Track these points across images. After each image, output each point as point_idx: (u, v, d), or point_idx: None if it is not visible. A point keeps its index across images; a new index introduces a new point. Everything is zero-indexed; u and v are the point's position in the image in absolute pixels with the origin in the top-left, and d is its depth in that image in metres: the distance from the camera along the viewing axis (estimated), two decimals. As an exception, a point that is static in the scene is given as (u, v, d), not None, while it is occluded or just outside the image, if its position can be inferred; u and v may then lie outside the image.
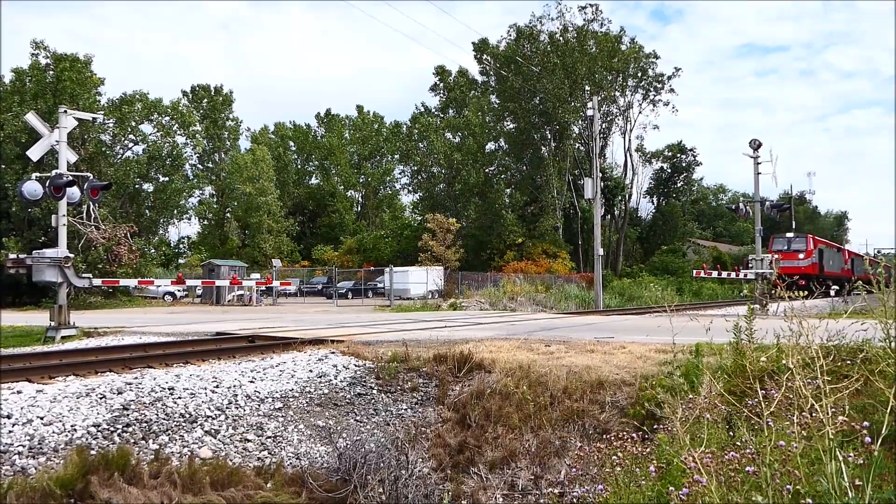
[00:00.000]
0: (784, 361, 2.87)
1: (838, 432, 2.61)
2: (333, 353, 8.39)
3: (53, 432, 5.03)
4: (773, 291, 22.60)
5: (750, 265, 21.50)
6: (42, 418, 5.18)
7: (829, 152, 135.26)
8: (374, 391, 7.30)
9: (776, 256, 26.98)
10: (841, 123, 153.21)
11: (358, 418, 6.74)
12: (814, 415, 2.74)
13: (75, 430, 5.13)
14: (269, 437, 5.94)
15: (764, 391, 3.35)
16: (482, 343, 9.18)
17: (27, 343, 12.90)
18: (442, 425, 6.93)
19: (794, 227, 48.27)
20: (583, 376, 7.53)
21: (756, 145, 21.46)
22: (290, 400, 6.63)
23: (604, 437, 6.03)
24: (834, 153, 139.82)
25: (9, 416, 5.10)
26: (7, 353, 8.80)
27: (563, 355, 8.46)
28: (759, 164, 21.78)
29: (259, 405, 6.35)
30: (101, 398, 5.73)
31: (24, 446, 4.77)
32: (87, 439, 5.07)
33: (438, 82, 50.31)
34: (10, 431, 4.90)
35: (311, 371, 7.43)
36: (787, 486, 2.53)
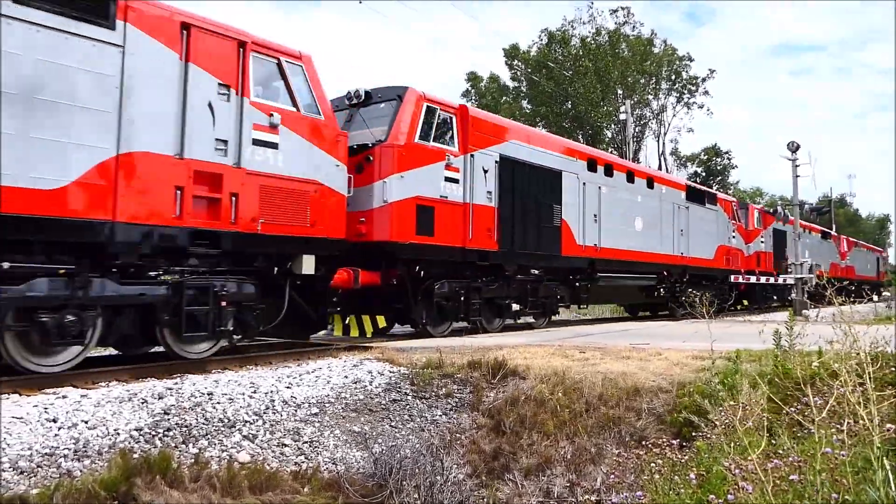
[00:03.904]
0: (836, 366, 2.82)
1: (886, 440, 2.56)
2: (368, 359, 8.44)
3: (97, 436, 5.14)
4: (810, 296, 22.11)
5: (789, 270, 21.12)
6: (86, 422, 5.30)
7: (869, 152, 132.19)
8: (409, 397, 7.32)
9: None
10: (880, 122, 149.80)
11: (393, 424, 6.77)
12: (860, 422, 2.68)
13: (118, 433, 5.24)
14: (306, 442, 5.99)
15: (806, 398, 3.29)
16: (516, 349, 9.15)
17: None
18: (476, 431, 6.92)
19: (834, 230, 47.08)
20: (619, 383, 7.46)
21: (794, 147, 21.10)
22: (326, 405, 6.69)
23: (641, 444, 5.97)
24: (875, 153, 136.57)
25: (55, 420, 5.23)
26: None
27: (599, 362, 8.40)
28: (797, 166, 21.39)
29: (296, 410, 6.41)
30: (142, 403, 5.85)
31: (69, 449, 4.88)
32: (129, 443, 5.17)
33: (470, 88, 50.40)
34: (56, 435, 5.02)
35: (346, 377, 7.48)
36: (834, 495, 2.48)
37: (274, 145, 8.56)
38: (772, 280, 25.49)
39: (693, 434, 5.50)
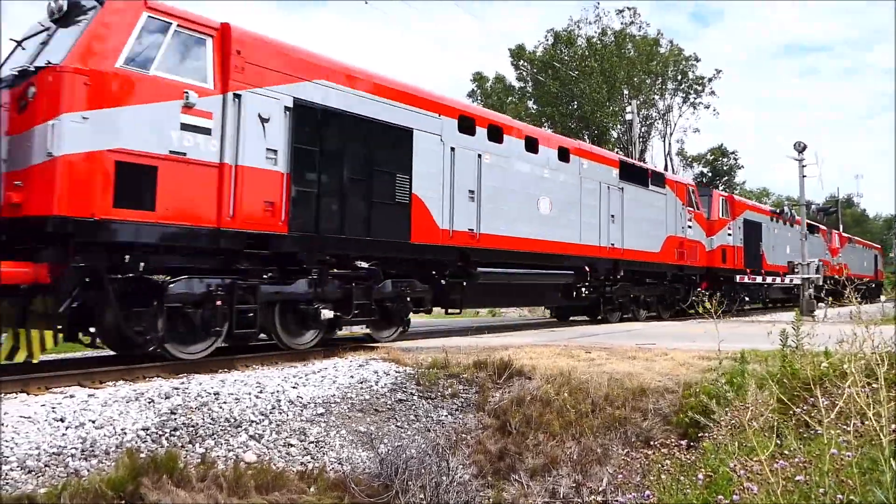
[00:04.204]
0: (846, 367, 2.81)
1: (893, 441, 2.55)
2: (374, 359, 8.45)
3: (105, 435, 5.16)
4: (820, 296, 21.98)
5: (796, 270, 21.03)
6: (94, 422, 5.32)
7: (876, 153, 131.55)
8: (415, 397, 7.33)
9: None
10: (888, 123, 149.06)
11: (399, 424, 6.77)
12: (867, 423, 2.67)
13: (125, 433, 5.26)
14: (312, 442, 6.00)
15: (813, 399, 3.28)
16: (522, 349, 9.15)
17: (77, 349, 13.26)
18: (482, 432, 6.92)
19: (841, 230, 46.73)
20: (624, 383, 7.46)
21: (801, 147, 21.02)
22: (332, 405, 6.70)
23: (647, 444, 5.96)
24: (882, 153, 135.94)
25: (62, 420, 5.25)
26: (59, 358, 9.08)
27: (605, 362, 8.40)
28: (804, 166, 21.32)
29: (301, 410, 6.42)
30: (149, 402, 5.87)
31: (77, 449, 4.91)
32: (136, 442, 5.19)
33: (476, 88, 50.38)
34: (63, 434, 5.05)
35: (352, 377, 7.50)
36: (840, 496, 2.48)
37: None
38: (754, 279, 23.93)
39: (699, 434, 5.49)
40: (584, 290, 15.40)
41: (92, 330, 7.68)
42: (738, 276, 22.75)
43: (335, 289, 9.64)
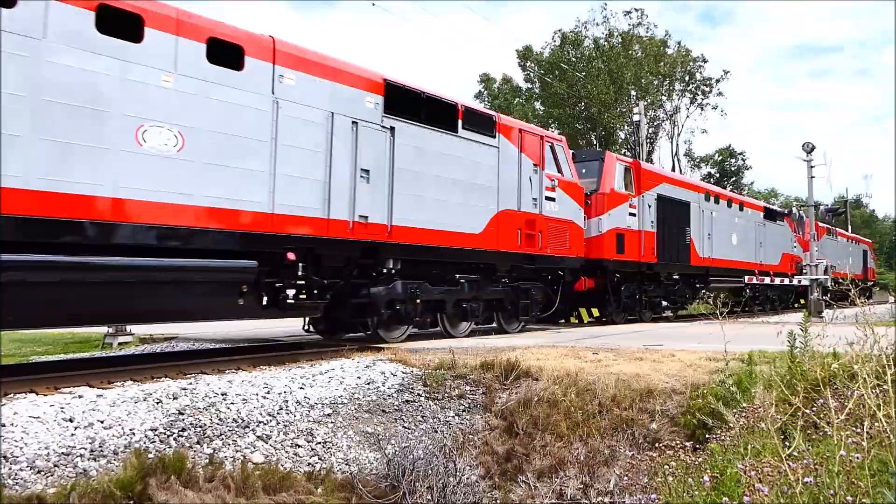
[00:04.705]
0: (856, 368, 2.80)
1: (902, 443, 2.54)
2: (381, 360, 8.46)
3: (113, 435, 5.18)
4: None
5: (804, 271, 20.94)
6: (102, 422, 5.34)
7: (887, 154, 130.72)
8: (422, 398, 7.33)
9: None
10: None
11: (406, 425, 6.78)
12: (876, 425, 2.66)
13: (134, 433, 5.28)
14: (319, 443, 6.01)
15: (822, 401, 3.27)
16: (528, 350, 9.14)
17: (86, 349, 13.35)
18: (489, 433, 6.92)
19: (849, 231, 46.34)
20: (632, 384, 7.44)
21: (809, 148, 20.94)
22: (339, 406, 6.71)
23: (654, 446, 5.95)
24: (891, 154, 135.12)
25: (71, 420, 5.28)
26: (68, 359, 9.12)
27: (612, 363, 8.38)
28: (812, 167, 21.23)
29: (309, 411, 6.44)
30: (157, 403, 5.89)
31: (85, 449, 4.93)
32: (144, 443, 5.21)
33: (483, 90, 50.42)
34: (72, 434, 5.07)
35: (359, 378, 7.50)
36: (849, 498, 2.46)
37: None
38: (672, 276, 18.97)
39: (707, 436, 5.47)
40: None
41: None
42: (665, 273, 18.33)
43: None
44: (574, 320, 17.22)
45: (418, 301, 10.72)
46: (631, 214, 16.92)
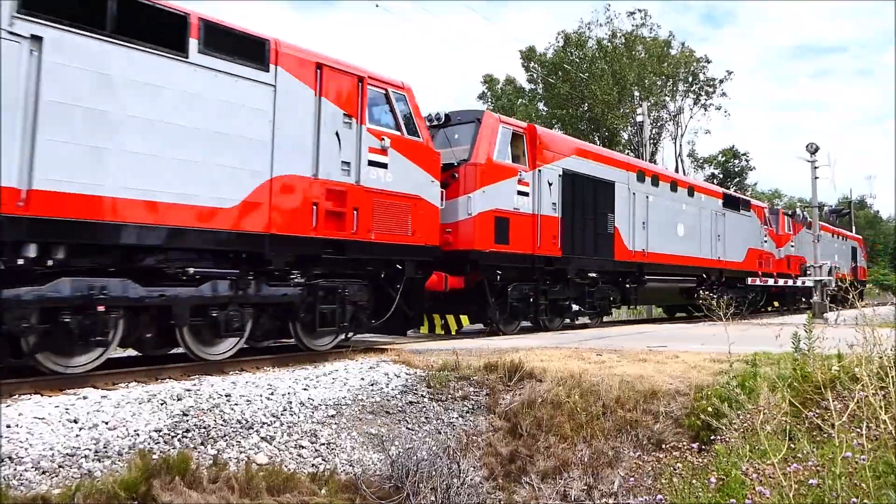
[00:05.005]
0: (857, 370, 2.79)
1: (907, 444, 2.53)
2: (385, 361, 8.47)
3: (117, 437, 5.20)
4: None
5: (808, 272, 20.88)
6: (107, 423, 5.36)
7: (890, 154, 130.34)
8: (426, 399, 7.34)
9: None
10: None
11: (409, 426, 6.78)
12: (880, 426, 2.66)
13: (138, 434, 5.30)
14: (323, 444, 6.02)
15: (826, 402, 3.27)
16: (532, 352, 9.14)
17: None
18: (493, 434, 6.92)
19: (853, 232, 46.08)
20: (635, 386, 7.43)
21: (813, 149, 20.91)
22: (343, 408, 6.72)
23: (658, 447, 5.95)
24: (892, 155, 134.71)
25: (76, 421, 5.29)
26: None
27: (615, 364, 8.37)
28: (816, 168, 21.20)
29: (313, 412, 6.44)
30: (161, 404, 5.90)
31: (90, 450, 4.94)
32: (149, 444, 5.22)
33: (486, 91, 50.43)
34: (77, 435, 5.09)
35: (363, 379, 7.51)
36: (853, 500, 2.46)
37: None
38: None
39: (711, 437, 5.46)
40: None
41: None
42: (575, 269, 14.31)
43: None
44: (425, 329, 12.39)
45: (111, 310, 6.91)
46: (521, 194, 12.77)
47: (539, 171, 13.34)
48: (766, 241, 24.49)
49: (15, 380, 6.43)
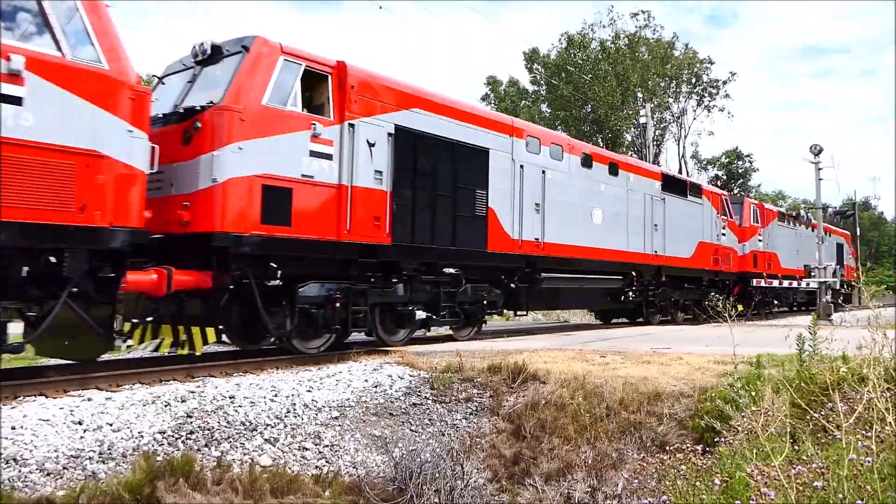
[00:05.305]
0: (865, 371, 2.78)
1: (912, 447, 2.52)
2: (388, 363, 8.47)
3: (122, 438, 5.21)
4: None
5: (812, 273, 20.81)
6: (111, 425, 5.37)
7: (888, 155, 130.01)
8: (429, 401, 7.33)
9: None
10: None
11: (413, 428, 6.78)
12: (886, 428, 2.65)
13: (142, 436, 5.30)
14: (327, 446, 6.02)
15: (831, 404, 3.25)
16: (536, 353, 9.13)
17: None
18: (496, 436, 6.91)
19: (858, 234, 45.83)
20: (639, 388, 7.42)
21: (817, 150, 20.85)
22: (347, 409, 6.72)
23: (662, 449, 5.94)
24: (892, 156, 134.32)
25: (80, 423, 5.30)
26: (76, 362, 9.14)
27: (619, 366, 8.36)
28: (820, 169, 21.14)
29: (316, 414, 6.45)
30: (165, 405, 5.91)
31: (94, 451, 4.95)
32: (153, 446, 5.23)
33: (489, 92, 50.45)
34: (81, 437, 5.09)
35: (366, 381, 7.51)
36: (859, 502, 2.45)
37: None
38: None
39: (715, 439, 5.45)
40: None
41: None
42: (412, 264, 10.62)
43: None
44: (136, 343, 8.39)
45: None
46: (318, 155, 9.09)
47: (351, 125, 9.43)
48: (723, 234, 20.67)
49: (20, 381, 6.45)
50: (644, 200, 16.84)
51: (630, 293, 16.19)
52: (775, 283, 24.74)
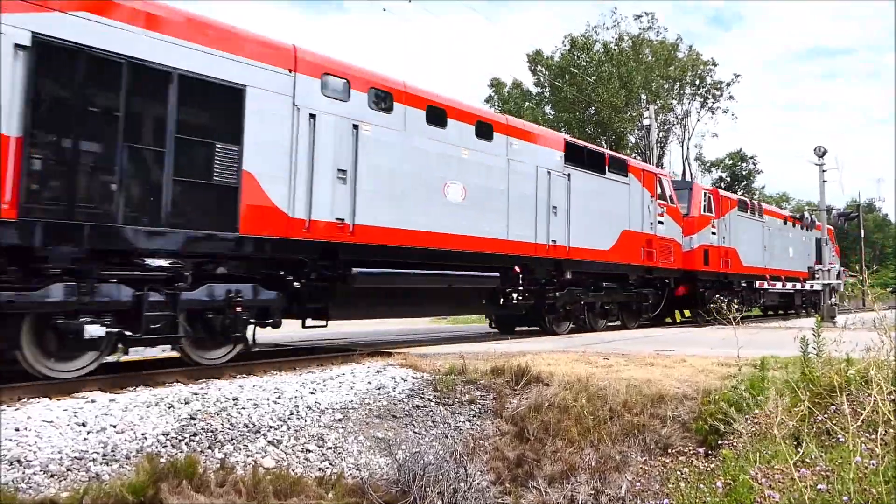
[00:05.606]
0: (871, 373, 2.77)
1: (917, 449, 2.51)
2: (391, 365, 8.47)
3: (125, 440, 5.21)
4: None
5: (816, 275, 20.75)
6: (115, 426, 5.37)
7: (888, 156, 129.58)
8: (432, 403, 7.33)
9: None
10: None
11: (416, 430, 6.78)
12: (891, 431, 2.64)
13: (146, 438, 5.31)
14: (330, 448, 6.02)
15: (835, 407, 3.24)
16: (539, 355, 9.12)
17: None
18: (500, 438, 6.91)
19: (862, 235, 45.61)
20: (643, 390, 7.41)
21: (821, 152, 20.79)
22: (350, 411, 6.72)
23: (666, 451, 5.92)
24: (892, 157, 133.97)
25: (84, 424, 5.31)
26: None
27: (623, 368, 8.35)
28: (824, 171, 21.09)
29: (319, 416, 6.45)
30: (169, 407, 5.92)
31: (98, 453, 4.96)
32: (156, 447, 5.23)
33: (493, 94, 50.45)
34: (85, 439, 5.10)
35: (369, 383, 7.51)
36: (863, 505, 2.45)
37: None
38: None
39: (719, 442, 5.44)
40: None
41: None
42: (101, 247, 6.98)
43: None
44: None
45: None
46: None
47: None
48: (660, 223, 16.95)
49: (25, 383, 6.46)
50: (536, 174, 13.03)
51: (515, 294, 12.66)
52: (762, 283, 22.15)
